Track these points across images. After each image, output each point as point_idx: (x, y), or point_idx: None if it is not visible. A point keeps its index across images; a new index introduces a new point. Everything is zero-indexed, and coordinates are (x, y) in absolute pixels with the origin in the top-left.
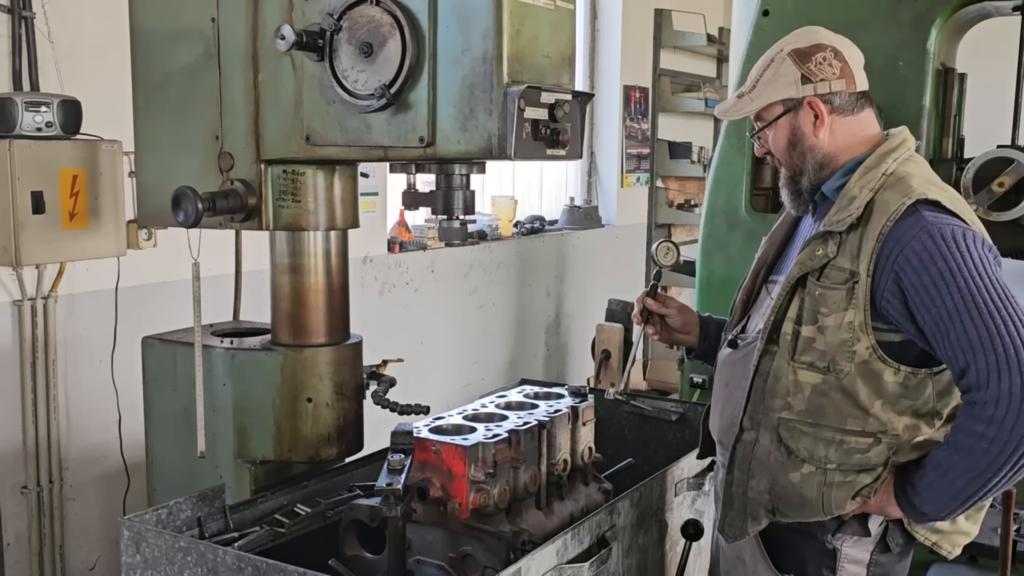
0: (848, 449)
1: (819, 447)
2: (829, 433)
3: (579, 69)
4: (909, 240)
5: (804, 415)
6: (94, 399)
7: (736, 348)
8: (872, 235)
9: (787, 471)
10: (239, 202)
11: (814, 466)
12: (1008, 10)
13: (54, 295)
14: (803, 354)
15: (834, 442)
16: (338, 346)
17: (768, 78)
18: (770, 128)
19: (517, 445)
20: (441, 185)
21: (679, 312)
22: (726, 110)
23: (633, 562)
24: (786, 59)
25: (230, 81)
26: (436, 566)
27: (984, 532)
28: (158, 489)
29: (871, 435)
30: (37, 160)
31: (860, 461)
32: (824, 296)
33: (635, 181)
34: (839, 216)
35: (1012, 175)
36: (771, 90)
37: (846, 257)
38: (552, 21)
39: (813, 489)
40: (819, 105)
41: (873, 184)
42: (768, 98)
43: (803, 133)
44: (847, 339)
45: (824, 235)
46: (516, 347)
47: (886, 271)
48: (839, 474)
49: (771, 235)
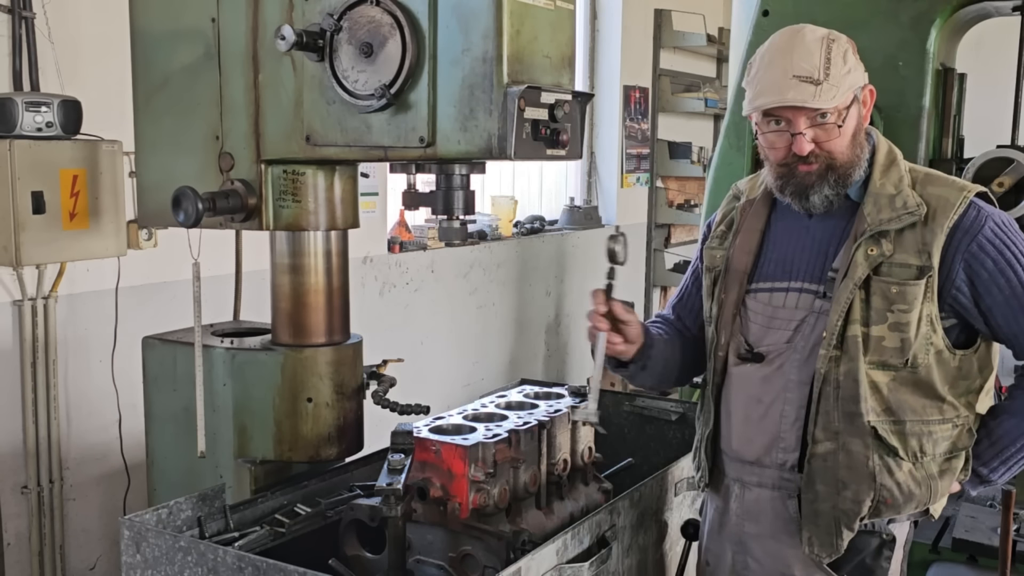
0: (937, 439)
1: (912, 442)
2: (917, 427)
3: (579, 69)
4: (980, 229)
5: (889, 414)
6: (94, 399)
7: (762, 361)
8: (940, 229)
9: (891, 473)
10: (239, 202)
11: (912, 462)
12: (1008, 10)
13: (54, 295)
14: (872, 354)
15: (923, 434)
16: (338, 346)
17: (841, 65)
18: (846, 117)
19: (517, 445)
20: (441, 185)
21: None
22: (812, 96)
23: (633, 562)
24: (848, 48)
25: (230, 81)
26: (436, 566)
27: (984, 532)
28: (158, 489)
29: (949, 421)
30: (37, 160)
31: (950, 448)
32: (903, 292)
33: (635, 181)
34: (887, 215)
35: (1012, 175)
36: (851, 78)
37: (909, 253)
38: (552, 21)
39: (919, 485)
40: (871, 96)
41: (906, 180)
42: (851, 85)
43: (861, 124)
44: (926, 332)
45: (876, 236)
46: (516, 347)
47: (956, 261)
48: (936, 464)
49: (741, 244)
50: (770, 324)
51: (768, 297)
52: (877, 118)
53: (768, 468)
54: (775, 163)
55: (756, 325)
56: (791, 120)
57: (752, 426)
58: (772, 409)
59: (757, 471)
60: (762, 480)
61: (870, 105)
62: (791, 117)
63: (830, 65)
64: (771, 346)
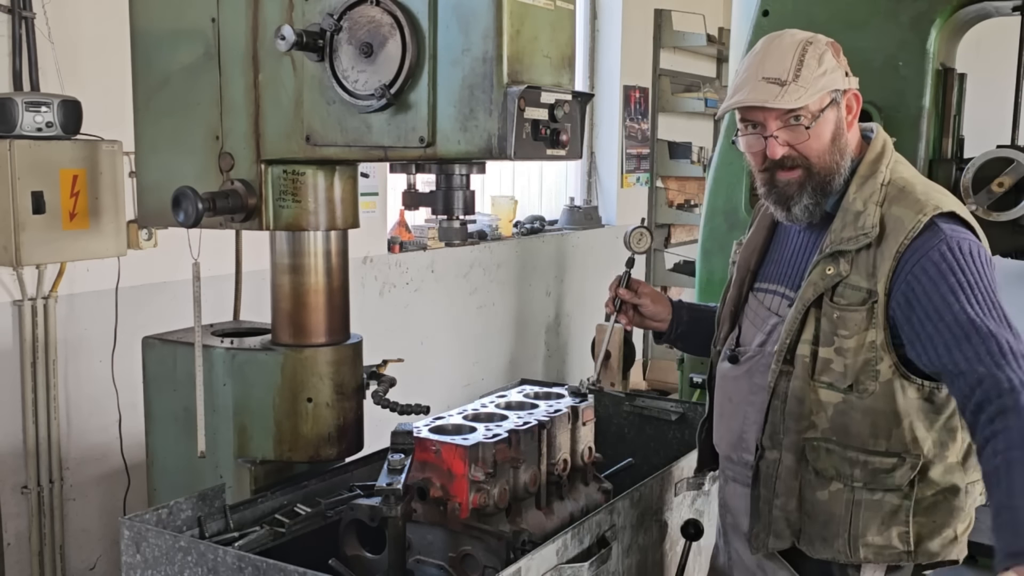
0: (873, 469)
1: (845, 466)
2: (853, 453)
3: (579, 69)
4: (927, 251)
5: (829, 433)
6: (94, 399)
7: (736, 363)
8: (889, 254)
9: (815, 490)
10: (239, 202)
11: (842, 483)
12: (1008, 10)
13: (54, 295)
14: (822, 374)
15: (859, 462)
16: (338, 346)
17: (814, 67)
18: (817, 121)
19: (517, 445)
20: (441, 185)
21: (653, 301)
22: (774, 97)
23: (633, 562)
24: (827, 50)
25: (230, 81)
26: (436, 566)
27: (984, 532)
28: (158, 489)
29: (895, 455)
30: (37, 160)
31: (885, 481)
32: (843, 318)
33: (635, 181)
34: (848, 234)
35: (1012, 175)
36: (824, 80)
37: (861, 275)
38: (552, 21)
39: (841, 506)
40: (854, 101)
41: (876, 197)
42: (824, 87)
43: (842, 129)
44: (870, 359)
45: (835, 254)
46: (516, 347)
47: (900, 280)
48: (866, 492)
49: (749, 240)
50: (756, 325)
51: (763, 298)
52: (877, 118)
53: (737, 464)
54: (757, 169)
55: (748, 324)
56: (763, 123)
57: (724, 423)
58: (738, 409)
59: (731, 466)
60: (736, 475)
61: (855, 111)
62: (762, 119)
63: (801, 67)
64: (747, 348)
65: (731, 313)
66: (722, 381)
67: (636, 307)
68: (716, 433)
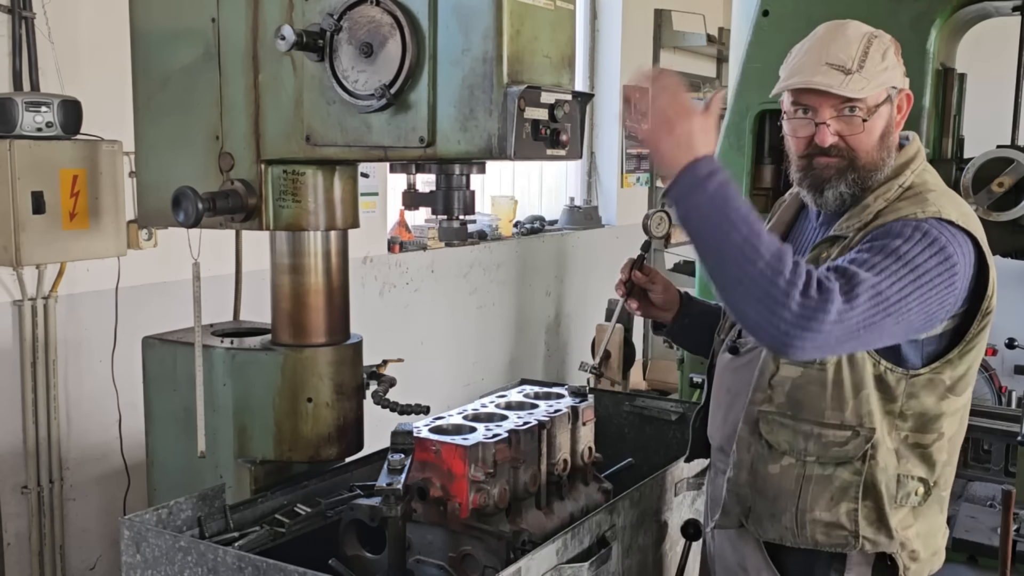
0: (826, 442)
1: (798, 440)
2: (807, 426)
3: (579, 69)
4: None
5: (784, 407)
6: (94, 399)
7: (737, 354)
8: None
9: (767, 463)
10: (239, 202)
11: (794, 458)
12: (1008, 10)
13: (54, 295)
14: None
15: (812, 435)
16: (338, 346)
17: (877, 60)
18: (873, 115)
19: (517, 445)
20: (441, 185)
21: (664, 289)
22: (839, 83)
23: (633, 562)
24: (890, 46)
25: (230, 81)
26: (436, 566)
27: (984, 532)
28: (158, 489)
29: (849, 428)
30: (37, 160)
31: (838, 454)
32: None
33: (635, 181)
34: (850, 222)
35: (1012, 175)
36: (886, 76)
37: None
38: (552, 21)
39: (791, 481)
40: (907, 102)
41: (889, 195)
42: (885, 82)
43: (891, 127)
44: None
45: (833, 239)
46: (516, 347)
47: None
48: (818, 467)
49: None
50: None
51: None
52: None
53: (729, 457)
54: (796, 155)
55: None
56: (816, 109)
57: (720, 414)
58: (737, 400)
59: (723, 458)
60: (726, 468)
61: (905, 111)
62: (817, 105)
63: (866, 58)
64: (748, 339)
65: None
66: (722, 371)
67: (645, 293)
68: (711, 424)
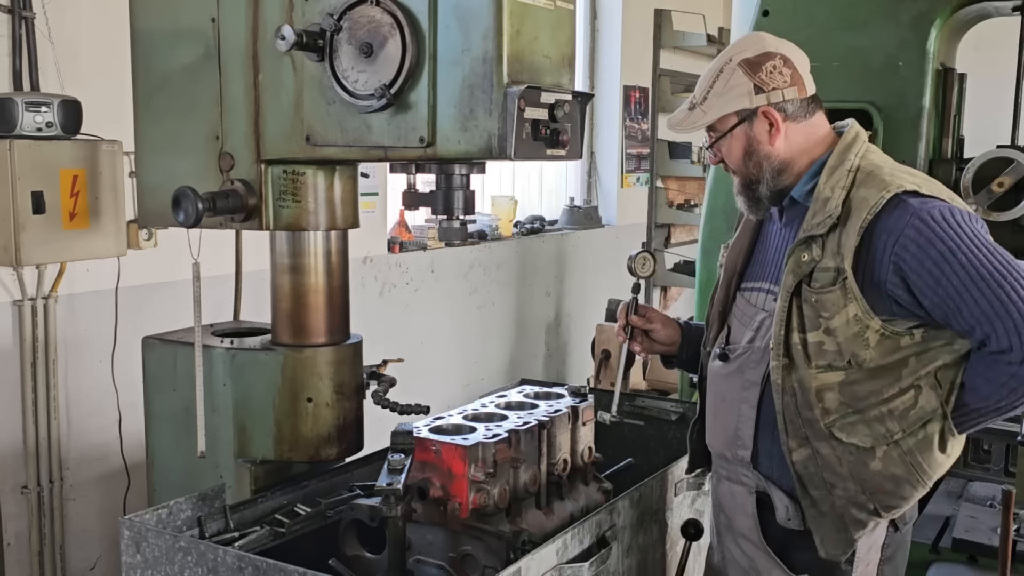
0: (900, 414)
1: (876, 426)
2: (874, 411)
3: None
4: (902, 229)
5: (844, 407)
6: (94, 399)
7: (727, 361)
8: (853, 231)
9: (866, 464)
10: (239, 202)
11: (885, 444)
12: (1008, 10)
13: (54, 295)
14: (818, 358)
15: (883, 415)
16: (338, 346)
17: (719, 89)
18: (724, 139)
19: (517, 445)
20: (441, 185)
21: (664, 325)
22: (678, 122)
23: (633, 562)
24: (736, 69)
25: (230, 81)
26: (436, 566)
27: (984, 532)
28: (158, 489)
29: (909, 387)
30: (37, 160)
31: (918, 415)
32: (821, 301)
33: (635, 181)
34: (817, 219)
35: (1012, 175)
36: (724, 102)
37: (829, 257)
38: (552, 21)
39: (898, 464)
40: (774, 114)
41: (843, 182)
42: (721, 110)
43: (758, 142)
44: (858, 331)
45: (807, 240)
46: (516, 347)
47: (884, 263)
48: (910, 438)
49: (734, 243)
50: (744, 323)
51: (749, 296)
52: (877, 118)
53: (731, 463)
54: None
55: (736, 323)
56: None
57: (717, 422)
58: (732, 406)
59: (725, 464)
60: (730, 474)
61: (778, 124)
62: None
63: (711, 90)
64: (737, 345)
65: (719, 313)
66: (714, 380)
67: (647, 333)
68: (710, 433)
